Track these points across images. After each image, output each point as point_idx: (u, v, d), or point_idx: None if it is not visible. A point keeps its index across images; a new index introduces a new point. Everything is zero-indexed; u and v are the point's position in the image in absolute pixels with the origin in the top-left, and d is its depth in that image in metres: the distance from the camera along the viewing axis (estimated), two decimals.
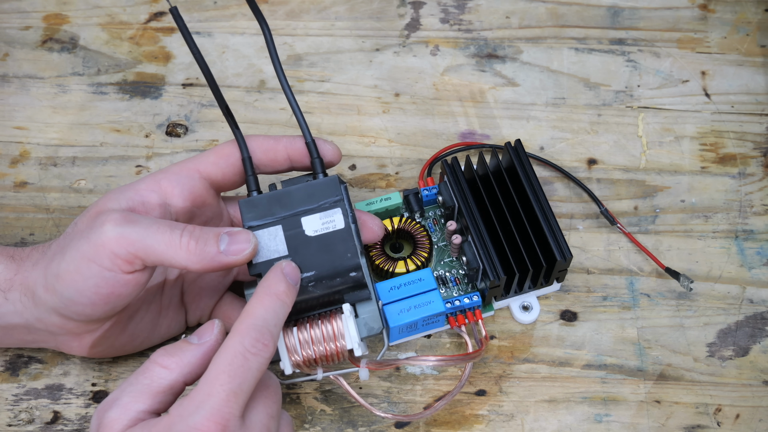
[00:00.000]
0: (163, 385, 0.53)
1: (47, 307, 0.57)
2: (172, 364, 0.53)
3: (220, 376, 0.51)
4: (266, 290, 0.54)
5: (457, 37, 0.77)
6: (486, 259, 0.63)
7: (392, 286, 0.64)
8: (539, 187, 0.64)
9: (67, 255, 0.55)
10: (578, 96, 0.75)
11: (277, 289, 0.54)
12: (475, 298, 0.64)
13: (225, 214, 0.62)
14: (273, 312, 0.53)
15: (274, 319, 0.53)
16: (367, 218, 0.60)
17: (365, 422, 0.63)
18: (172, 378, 0.53)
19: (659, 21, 0.78)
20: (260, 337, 0.52)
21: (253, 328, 0.52)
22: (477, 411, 0.64)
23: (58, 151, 0.72)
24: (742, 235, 0.70)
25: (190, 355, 0.54)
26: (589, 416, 0.64)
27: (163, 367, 0.53)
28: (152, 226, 0.55)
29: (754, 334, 0.67)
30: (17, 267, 0.58)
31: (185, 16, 0.78)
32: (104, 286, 0.55)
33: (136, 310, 0.61)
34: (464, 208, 0.64)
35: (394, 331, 0.63)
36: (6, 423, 0.63)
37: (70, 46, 0.76)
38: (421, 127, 0.74)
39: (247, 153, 0.58)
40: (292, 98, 0.59)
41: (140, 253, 0.54)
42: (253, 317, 0.53)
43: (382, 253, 0.66)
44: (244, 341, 0.52)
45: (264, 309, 0.53)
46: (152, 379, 0.53)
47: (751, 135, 0.74)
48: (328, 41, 0.77)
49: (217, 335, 0.55)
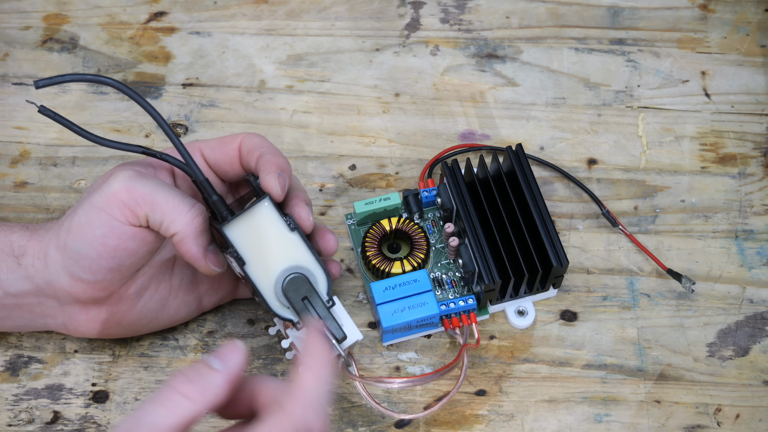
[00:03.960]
0: (186, 419, 0.47)
1: (57, 267, 0.58)
2: (194, 393, 0.47)
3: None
4: (316, 360, 0.50)
5: (457, 37, 0.77)
6: (482, 263, 0.63)
7: (387, 286, 0.64)
8: (539, 192, 0.64)
9: (79, 209, 0.57)
10: (578, 96, 0.75)
11: (326, 357, 0.50)
12: (470, 301, 0.64)
13: None
14: (327, 383, 0.49)
15: (327, 389, 0.49)
16: (326, 231, 0.61)
17: (365, 422, 0.63)
18: (196, 410, 0.47)
19: (659, 21, 0.78)
20: (317, 416, 0.47)
21: (311, 409, 0.47)
22: (477, 411, 0.64)
23: (58, 151, 0.72)
24: (742, 235, 0.70)
25: (215, 385, 0.48)
26: (589, 416, 0.64)
27: (184, 397, 0.47)
28: (163, 186, 0.57)
29: (754, 334, 0.67)
30: (31, 234, 0.59)
31: (185, 16, 0.78)
32: (111, 237, 0.56)
33: (145, 287, 0.61)
34: (462, 211, 0.64)
35: (388, 332, 0.63)
36: (6, 423, 0.63)
37: (70, 46, 0.76)
38: (421, 127, 0.74)
39: (203, 176, 0.58)
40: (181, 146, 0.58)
41: (146, 206, 0.56)
42: (309, 395, 0.48)
43: (379, 253, 0.66)
44: (298, 425, 0.47)
45: (319, 384, 0.49)
46: (173, 410, 0.47)
47: (751, 135, 0.74)
48: (328, 41, 0.77)
49: (242, 359, 0.49)
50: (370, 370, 0.65)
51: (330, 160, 0.72)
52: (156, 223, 0.56)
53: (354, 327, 0.59)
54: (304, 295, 0.57)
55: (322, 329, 0.55)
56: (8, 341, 0.65)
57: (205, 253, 0.57)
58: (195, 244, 0.57)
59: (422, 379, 0.60)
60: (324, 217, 0.70)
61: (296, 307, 0.57)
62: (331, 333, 0.57)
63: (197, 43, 0.77)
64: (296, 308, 0.57)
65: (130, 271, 0.58)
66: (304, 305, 0.57)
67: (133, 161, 0.61)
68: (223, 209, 0.57)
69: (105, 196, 0.56)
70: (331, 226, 0.70)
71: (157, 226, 0.57)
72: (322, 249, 0.60)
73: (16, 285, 0.59)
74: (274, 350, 0.65)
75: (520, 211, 0.64)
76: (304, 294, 0.57)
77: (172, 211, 0.56)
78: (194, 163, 0.58)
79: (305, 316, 0.57)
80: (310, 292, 0.57)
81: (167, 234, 0.57)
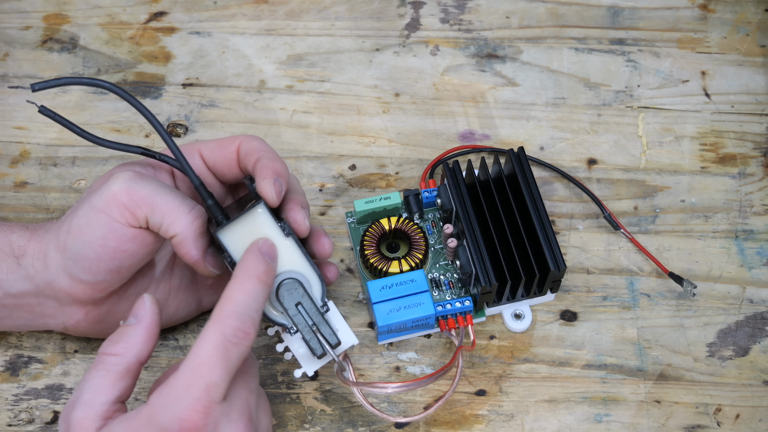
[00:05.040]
0: (120, 371, 0.53)
1: (57, 268, 0.58)
2: (120, 349, 0.54)
3: (200, 368, 0.51)
4: (246, 272, 0.54)
5: (457, 37, 0.77)
6: (479, 265, 0.63)
7: (384, 285, 0.63)
8: (539, 196, 0.64)
9: (79, 210, 0.57)
10: (578, 96, 0.75)
11: (257, 270, 0.54)
12: (467, 302, 0.64)
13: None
14: (254, 296, 0.53)
15: (255, 303, 0.53)
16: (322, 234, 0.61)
17: (365, 422, 0.63)
18: (126, 362, 0.53)
19: (659, 21, 0.78)
20: (241, 325, 0.52)
21: (234, 316, 0.52)
22: (477, 411, 0.64)
23: (58, 151, 0.72)
24: (742, 235, 0.70)
25: (134, 336, 0.54)
26: (589, 416, 0.64)
27: (113, 355, 0.54)
28: (163, 188, 0.57)
29: (754, 334, 0.67)
30: (31, 234, 0.59)
31: (185, 17, 0.78)
32: (111, 239, 0.56)
33: (144, 287, 0.61)
34: (461, 212, 0.64)
35: (382, 330, 0.63)
36: (6, 423, 0.63)
37: (70, 46, 0.76)
38: (421, 127, 0.74)
39: (198, 180, 0.58)
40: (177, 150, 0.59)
41: (146, 208, 0.56)
42: (233, 303, 0.52)
43: (377, 252, 0.66)
44: (225, 330, 0.51)
45: (244, 293, 0.53)
46: (107, 369, 0.53)
47: (751, 135, 0.74)
48: (328, 41, 0.77)
49: (151, 308, 0.55)
50: (369, 370, 0.65)
51: (330, 160, 0.72)
52: (156, 225, 0.56)
53: (349, 331, 0.59)
54: (298, 300, 0.57)
55: (258, 245, 0.55)
56: (8, 341, 0.65)
57: (204, 256, 0.58)
58: (194, 247, 0.57)
59: (416, 383, 0.60)
60: (324, 217, 0.70)
61: (289, 312, 0.57)
62: (325, 339, 0.57)
63: (197, 43, 0.77)
64: (289, 314, 0.57)
65: (129, 271, 0.58)
66: (298, 310, 0.57)
67: (133, 161, 0.61)
68: (218, 214, 0.57)
69: (105, 197, 0.56)
70: (331, 226, 0.70)
71: (157, 228, 0.57)
72: (317, 253, 0.60)
73: (16, 285, 0.59)
74: (273, 350, 0.65)
75: (520, 215, 0.64)
76: (298, 299, 0.57)
77: (172, 213, 0.56)
78: (189, 166, 0.58)
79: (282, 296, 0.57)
80: (303, 298, 0.57)
81: (167, 236, 0.57)
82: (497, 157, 0.67)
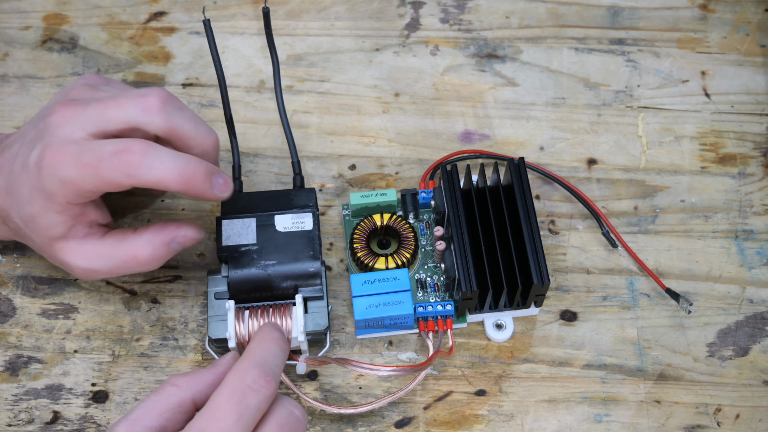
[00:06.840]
0: (172, 403, 0.53)
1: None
2: (183, 383, 0.54)
3: (218, 411, 0.51)
4: (265, 335, 0.56)
5: (457, 37, 0.77)
6: (462, 270, 0.62)
7: (366, 279, 0.64)
8: (533, 209, 0.64)
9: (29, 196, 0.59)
10: (578, 96, 0.75)
11: (275, 335, 0.56)
12: (448, 307, 0.64)
13: None
14: (273, 354, 0.54)
15: (275, 359, 0.54)
16: None
17: (365, 422, 0.63)
18: (181, 395, 0.54)
19: (659, 21, 0.78)
20: (262, 374, 0.53)
21: (256, 366, 0.53)
22: (477, 411, 0.64)
23: None
24: (742, 235, 0.70)
25: (201, 378, 0.55)
26: (589, 416, 0.64)
27: (173, 386, 0.54)
28: None
29: (754, 334, 0.67)
30: None
31: (185, 17, 0.78)
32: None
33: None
34: (452, 216, 0.64)
35: (360, 325, 0.63)
36: (6, 423, 0.63)
37: (70, 46, 0.76)
38: (421, 127, 0.74)
39: (238, 161, 0.65)
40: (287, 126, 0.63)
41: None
42: (255, 356, 0.54)
43: (366, 247, 0.66)
44: (245, 377, 0.52)
45: (265, 350, 0.54)
46: (162, 396, 0.54)
47: (751, 135, 0.74)
48: (328, 41, 0.77)
49: (230, 360, 0.56)
50: None
51: (330, 160, 0.72)
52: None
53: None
54: None
55: (275, 324, 0.58)
56: (8, 341, 0.65)
57: None
58: None
59: (379, 368, 0.60)
60: (324, 217, 0.70)
61: None
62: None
63: (197, 43, 0.77)
64: None
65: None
66: None
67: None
68: None
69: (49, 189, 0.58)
70: (330, 226, 0.70)
71: None
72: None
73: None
74: None
75: (511, 226, 0.64)
76: None
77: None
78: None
79: None
80: None
81: None
82: (497, 165, 0.67)
